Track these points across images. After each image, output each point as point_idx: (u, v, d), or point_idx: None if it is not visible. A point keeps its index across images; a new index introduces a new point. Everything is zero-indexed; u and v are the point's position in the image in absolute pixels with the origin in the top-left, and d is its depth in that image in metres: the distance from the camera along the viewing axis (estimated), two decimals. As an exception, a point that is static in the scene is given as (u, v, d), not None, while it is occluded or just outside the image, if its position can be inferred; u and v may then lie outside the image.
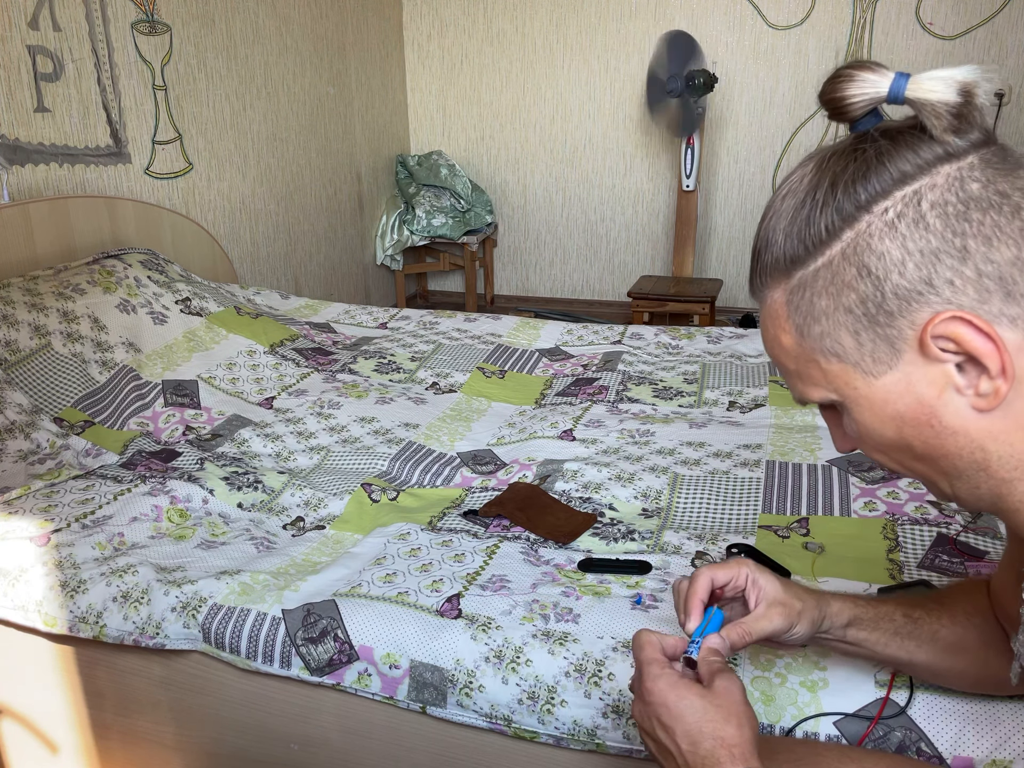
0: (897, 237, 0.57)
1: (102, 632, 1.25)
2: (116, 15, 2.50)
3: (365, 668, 1.15)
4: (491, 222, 4.29)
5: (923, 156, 0.57)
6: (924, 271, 0.56)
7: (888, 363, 0.59)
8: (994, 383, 0.56)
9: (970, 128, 0.58)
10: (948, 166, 0.57)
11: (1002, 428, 0.58)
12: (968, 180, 0.57)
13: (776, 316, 0.63)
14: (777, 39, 3.83)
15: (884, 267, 0.57)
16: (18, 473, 1.58)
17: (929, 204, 0.56)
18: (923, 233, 0.56)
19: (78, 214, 2.28)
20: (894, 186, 0.57)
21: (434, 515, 1.48)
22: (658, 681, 0.70)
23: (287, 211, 3.48)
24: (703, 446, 1.68)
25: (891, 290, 0.57)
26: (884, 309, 0.58)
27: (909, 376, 0.59)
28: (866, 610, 0.84)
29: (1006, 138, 2.67)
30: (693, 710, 0.68)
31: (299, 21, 3.44)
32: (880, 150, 0.58)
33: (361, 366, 2.17)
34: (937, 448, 0.60)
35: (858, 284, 0.58)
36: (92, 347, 1.91)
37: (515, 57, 4.19)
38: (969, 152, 0.58)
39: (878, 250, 0.57)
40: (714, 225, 4.15)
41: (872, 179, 0.57)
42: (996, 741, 0.92)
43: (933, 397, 0.58)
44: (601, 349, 2.30)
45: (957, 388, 0.58)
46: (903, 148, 0.58)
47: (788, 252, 0.61)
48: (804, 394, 0.65)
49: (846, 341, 0.60)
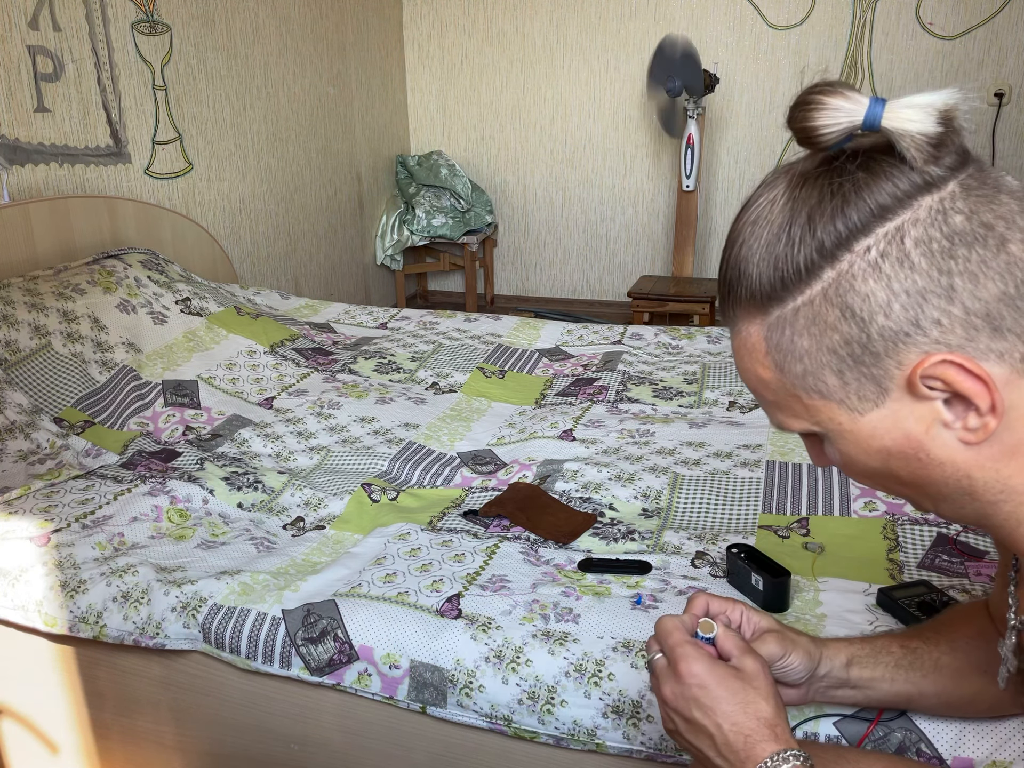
0: (882, 278, 0.55)
1: (102, 632, 1.25)
2: (116, 15, 2.50)
3: (365, 668, 1.15)
4: (491, 222, 4.29)
5: (901, 187, 0.55)
6: (911, 312, 0.54)
7: (874, 401, 0.58)
8: (983, 419, 0.56)
9: (948, 152, 0.55)
10: (929, 197, 0.55)
11: (988, 456, 0.58)
12: (951, 212, 0.54)
13: (753, 350, 0.61)
14: (777, 39, 3.83)
15: (869, 309, 0.55)
16: (18, 473, 1.58)
17: (913, 241, 0.54)
18: (908, 273, 0.54)
19: (78, 214, 2.28)
20: (874, 221, 0.55)
21: (434, 515, 1.48)
22: (695, 663, 0.70)
23: (287, 211, 3.48)
24: (703, 446, 1.68)
25: (877, 332, 0.55)
26: (870, 350, 0.56)
27: (896, 413, 0.58)
28: (862, 646, 0.84)
29: (1005, 139, 2.66)
30: (733, 692, 0.69)
31: (299, 21, 3.45)
32: (857, 183, 0.56)
33: (361, 366, 2.17)
34: (923, 477, 0.60)
35: (841, 325, 0.56)
36: (92, 347, 1.91)
37: (515, 57, 4.19)
38: (948, 179, 0.55)
39: (862, 291, 0.55)
40: (714, 225, 4.15)
41: (851, 214, 0.55)
42: (996, 742, 0.92)
43: (921, 432, 0.58)
44: (601, 349, 2.30)
45: (945, 423, 0.57)
46: (880, 179, 0.55)
47: (764, 288, 0.58)
48: (784, 424, 0.64)
49: (830, 380, 0.58)
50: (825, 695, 0.85)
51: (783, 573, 1.17)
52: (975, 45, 3.62)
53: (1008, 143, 3.66)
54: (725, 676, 0.70)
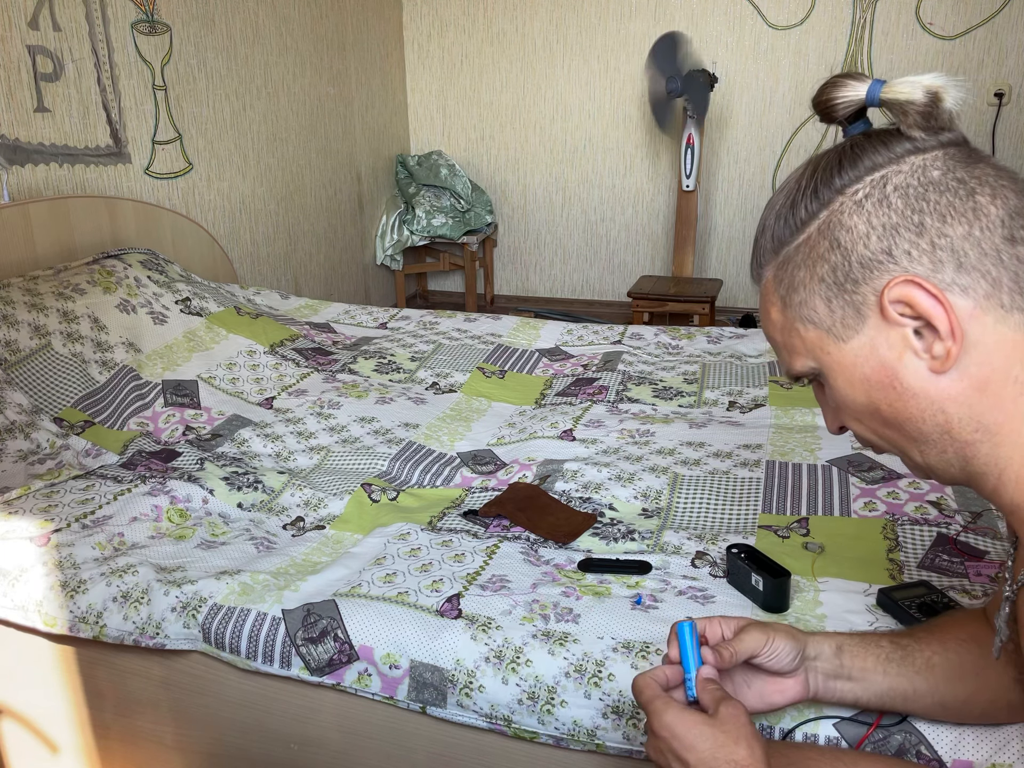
0: (863, 213, 0.64)
1: (102, 632, 1.25)
2: (116, 15, 2.50)
3: (365, 668, 1.15)
4: (491, 222, 4.29)
5: (894, 150, 0.65)
6: (885, 243, 0.63)
7: (855, 328, 0.66)
8: (944, 344, 0.62)
9: (939, 128, 0.64)
10: (915, 157, 0.64)
11: (959, 390, 0.63)
12: (930, 168, 0.64)
13: (767, 292, 0.71)
14: (777, 39, 3.83)
15: (851, 239, 0.64)
16: (18, 473, 1.58)
17: (893, 187, 0.64)
18: (885, 210, 0.63)
19: (78, 214, 2.28)
20: (866, 173, 0.65)
21: (434, 515, 1.48)
22: (664, 716, 0.72)
23: (287, 211, 3.48)
24: (703, 446, 1.68)
25: (857, 259, 0.64)
26: (851, 277, 0.65)
27: (873, 340, 0.65)
28: (850, 637, 0.86)
29: (1005, 139, 2.66)
30: (704, 738, 0.70)
31: (299, 21, 3.45)
32: (857, 144, 0.66)
33: (361, 366, 2.17)
34: (902, 411, 0.66)
35: (830, 255, 0.66)
36: (92, 347, 1.91)
37: (515, 57, 4.19)
38: (936, 148, 0.64)
39: (847, 224, 0.65)
40: (714, 225, 4.15)
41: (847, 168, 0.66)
42: (996, 745, 0.92)
43: (894, 359, 0.65)
44: (601, 349, 2.30)
45: (915, 351, 0.64)
46: (877, 144, 0.65)
47: (776, 234, 0.69)
48: (790, 365, 0.72)
49: (820, 308, 0.67)
50: (826, 688, 0.86)
51: (783, 573, 1.17)
52: (975, 45, 3.61)
53: (1008, 143, 3.66)
54: (695, 723, 0.71)
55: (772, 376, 2.04)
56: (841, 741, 0.96)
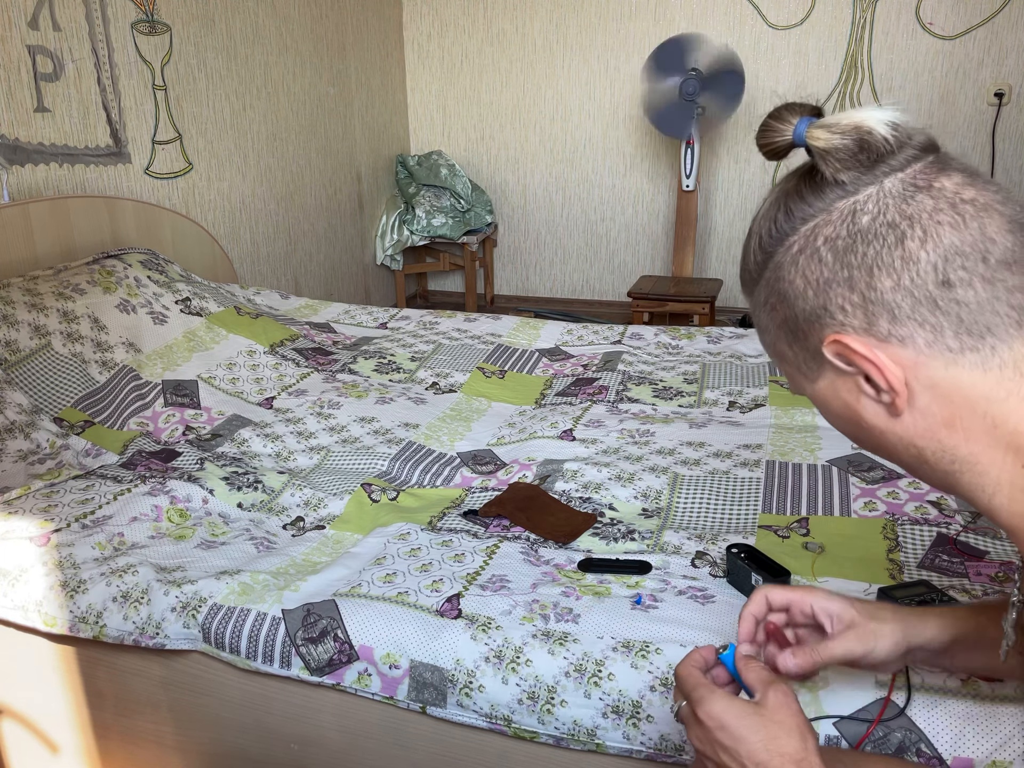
0: (798, 268, 0.63)
1: (102, 632, 1.25)
2: (116, 15, 2.50)
3: (365, 668, 1.15)
4: (491, 222, 4.29)
5: (824, 198, 0.62)
6: (820, 299, 0.62)
7: (817, 371, 0.66)
8: (889, 395, 0.61)
9: (879, 159, 0.60)
10: (844, 202, 0.62)
11: (925, 427, 0.62)
12: (860, 213, 0.61)
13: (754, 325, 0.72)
14: (777, 39, 3.83)
15: (793, 293, 0.64)
16: (18, 473, 1.58)
17: (824, 239, 0.62)
18: (817, 264, 0.62)
19: (78, 214, 2.28)
20: (800, 224, 0.63)
21: (434, 515, 1.48)
22: (711, 705, 0.70)
23: (287, 211, 3.48)
24: (703, 446, 1.68)
25: (799, 313, 0.64)
26: (800, 329, 0.65)
27: (833, 383, 0.65)
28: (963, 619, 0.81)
29: (1005, 139, 2.65)
30: (754, 729, 0.68)
31: (299, 21, 3.44)
32: (790, 194, 0.65)
33: (361, 366, 2.17)
34: (882, 443, 0.66)
35: (780, 307, 0.66)
36: (92, 347, 1.91)
37: (515, 57, 4.19)
38: (872, 183, 0.61)
39: (786, 279, 0.64)
40: (714, 225, 4.15)
41: (781, 220, 0.64)
42: (996, 742, 0.92)
43: (854, 402, 0.64)
44: (601, 349, 2.30)
45: (868, 396, 0.63)
46: (808, 192, 0.63)
47: (744, 276, 0.70)
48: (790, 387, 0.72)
49: (786, 351, 0.68)
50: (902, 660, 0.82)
51: (783, 573, 1.17)
52: (975, 45, 3.61)
53: (1008, 143, 3.66)
54: (745, 713, 0.69)
55: (772, 376, 2.04)
56: (841, 741, 0.96)
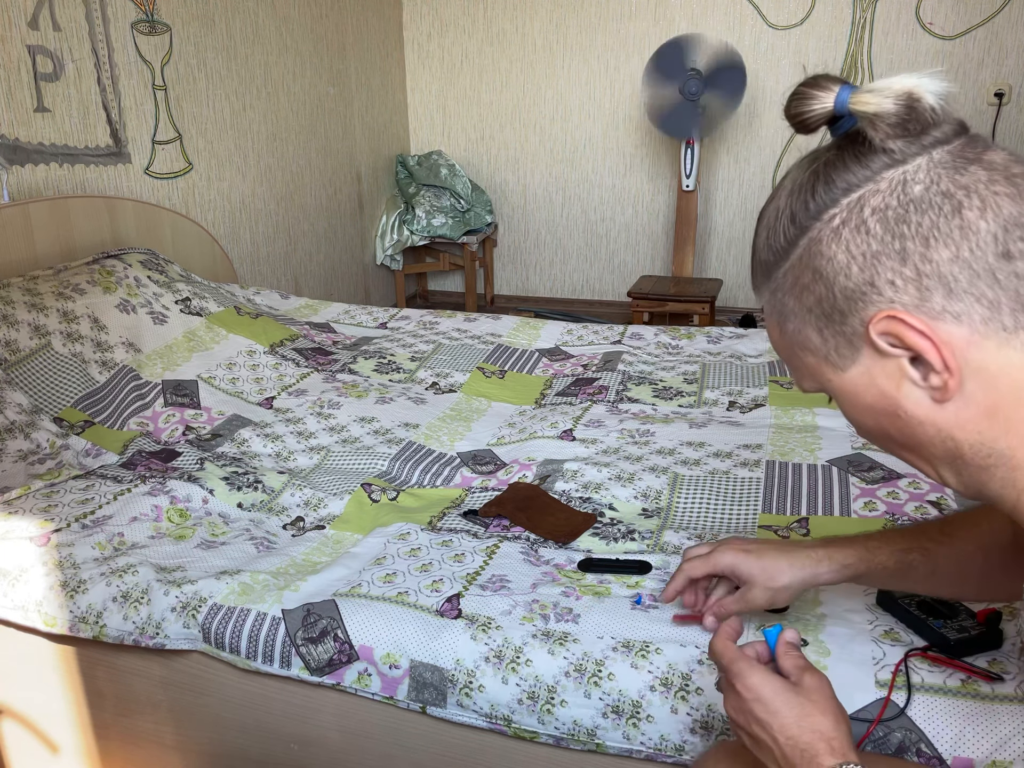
0: (841, 242, 0.59)
1: (102, 632, 1.25)
2: (116, 15, 2.50)
3: (365, 668, 1.15)
4: (491, 222, 4.29)
5: (870, 166, 0.59)
6: (867, 273, 0.59)
7: (851, 358, 0.62)
8: (941, 377, 0.58)
9: (923, 130, 0.58)
10: (893, 171, 0.58)
11: (967, 417, 0.59)
12: (911, 183, 0.58)
13: (767, 313, 0.68)
14: (777, 39, 3.83)
15: (832, 270, 0.60)
16: (18, 473, 1.58)
17: (871, 209, 0.58)
18: (864, 237, 0.58)
19: (78, 214, 2.28)
20: (841, 195, 0.60)
21: (434, 515, 1.48)
22: (750, 678, 0.73)
23: (287, 211, 3.48)
24: (703, 446, 1.68)
25: (840, 291, 0.60)
26: (837, 309, 0.61)
27: (870, 370, 0.61)
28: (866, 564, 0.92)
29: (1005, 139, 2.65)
30: (790, 705, 0.70)
31: (299, 21, 3.45)
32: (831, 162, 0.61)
33: (361, 366, 2.17)
34: (911, 437, 0.62)
35: (814, 286, 0.62)
36: (92, 347, 1.91)
37: (515, 57, 4.19)
38: (920, 154, 0.58)
39: (826, 255, 0.60)
40: (714, 225, 4.15)
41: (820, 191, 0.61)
42: (997, 742, 0.92)
43: (893, 389, 0.61)
44: (601, 349, 2.30)
45: (913, 381, 0.60)
46: (851, 160, 0.60)
47: (764, 259, 0.65)
48: (799, 383, 0.69)
49: (813, 337, 0.63)
50: None
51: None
52: (975, 45, 3.62)
53: (1008, 143, 3.66)
54: (781, 689, 0.71)
55: (772, 376, 2.04)
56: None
